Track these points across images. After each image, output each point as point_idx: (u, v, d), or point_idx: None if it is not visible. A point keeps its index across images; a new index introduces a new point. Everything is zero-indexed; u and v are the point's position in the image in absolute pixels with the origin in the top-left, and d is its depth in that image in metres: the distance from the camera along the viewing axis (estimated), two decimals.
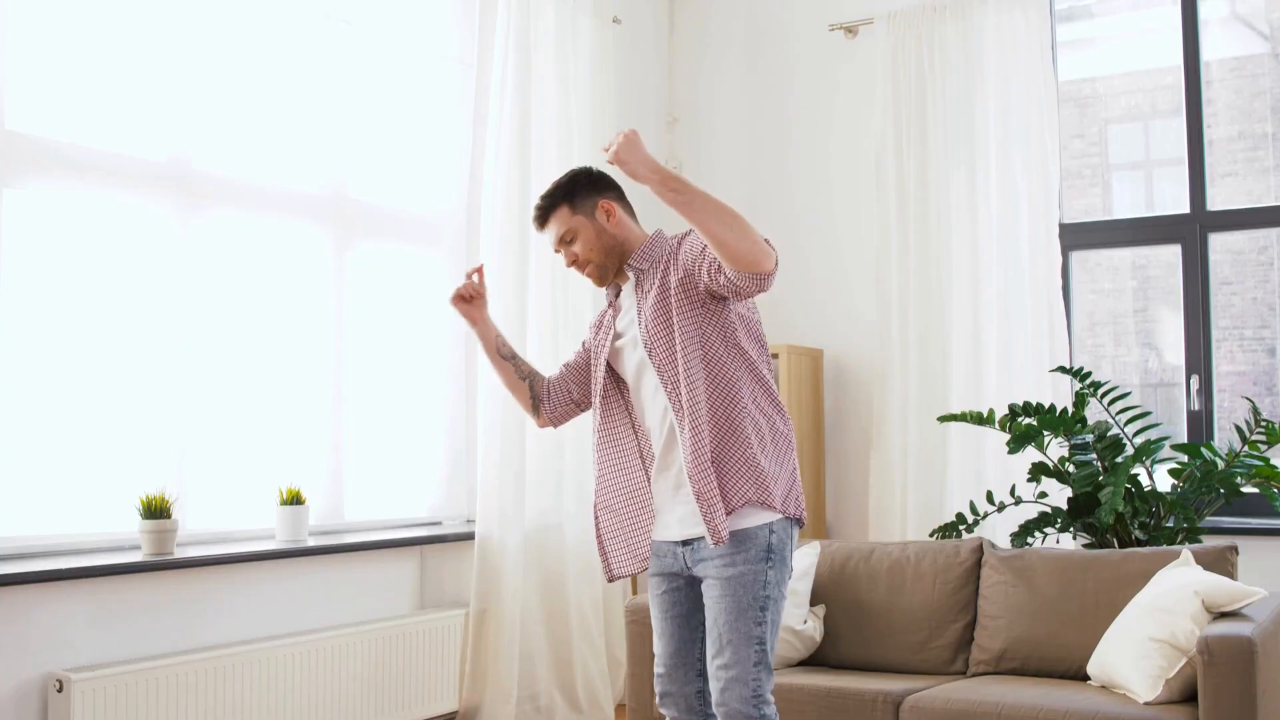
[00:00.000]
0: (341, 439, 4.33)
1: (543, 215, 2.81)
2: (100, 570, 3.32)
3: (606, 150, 2.48)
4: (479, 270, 2.92)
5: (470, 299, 2.89)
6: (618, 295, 2.83)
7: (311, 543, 3.96)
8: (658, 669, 2.81)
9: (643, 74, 5.79)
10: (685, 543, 2.70)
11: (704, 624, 2.72)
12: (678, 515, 2.69)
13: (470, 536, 4.49)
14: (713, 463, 2.59)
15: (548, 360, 4.70)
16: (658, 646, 2.81)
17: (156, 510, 3.51)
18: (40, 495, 3.45)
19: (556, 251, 2.81)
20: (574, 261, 2.78)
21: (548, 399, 2.94)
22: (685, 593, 2.76)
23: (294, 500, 3.93)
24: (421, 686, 4.25)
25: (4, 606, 3.19)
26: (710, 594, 2.63)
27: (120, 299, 3.69)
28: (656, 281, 2.69)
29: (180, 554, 3.58)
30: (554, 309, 4.80)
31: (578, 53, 5.05)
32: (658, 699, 2.83)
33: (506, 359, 2.94)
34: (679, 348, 2.61)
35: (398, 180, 4.65)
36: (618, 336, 2.78)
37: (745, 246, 2.44)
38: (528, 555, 4.60)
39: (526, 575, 4.58)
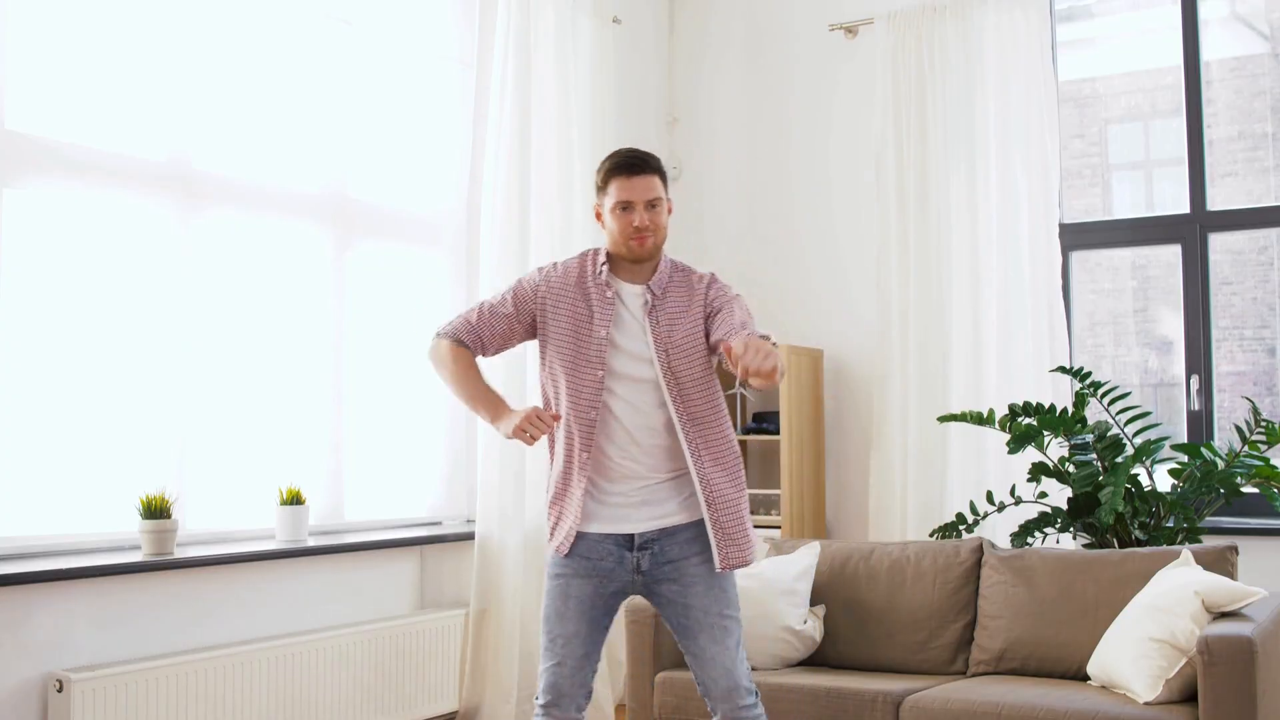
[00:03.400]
0: (341, 439, 4.33)
1: (645, 165, 2.80)
2: (100, 570, 3.33)
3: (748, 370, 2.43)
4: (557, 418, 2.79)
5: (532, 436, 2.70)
6: (605, 275, 2.83)
7: (311, 543, 3.97)
8: (559, 670, 2.76)
9: (643, 74, 5.79)
10: (643, 546, 2.78)
11: (606, 627, 2.84)
12: (647, 513, 2.79)
13: (470, 536, 4.50)
14: (745, 510, 2.83)
15: None
16: (565, 647, 2.77)
17: (156, 510, 3.51)
18: (40, 495, 3.45)
19: (626, 206, 2.77)
20: (644, 226, 2.77)
21: (486, 349, 2.90)
22: (607, 599, 2.82)
23: (294, 500, 3.93)
24: (421, 686, 4.25)
25: (4, 606, 3.19)
26: (692, 590, 2.77)
27: (120, 299, 3.69)
28: (682, 317, 2.80)
29: (180, 554, 3.58)
30: None
31: (578, 53, 5.05)
32: (550, 700, 2.77)
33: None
34: (705, 382, 2.80)
35: (398, 180, 4.65)
36: (616, 324, 2.79)
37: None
38: (528, 555, 4.60)
39: (526, 575, 4.58)
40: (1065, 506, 4.15)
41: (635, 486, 2.79)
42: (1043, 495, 4.25)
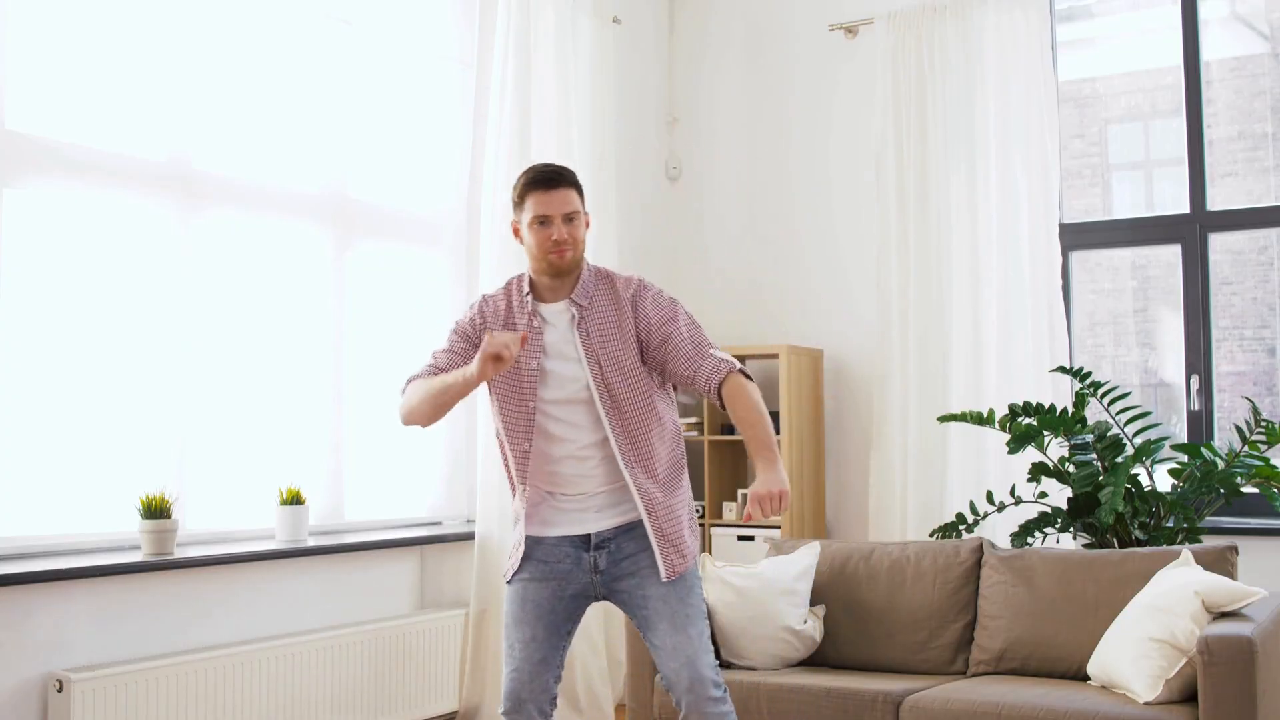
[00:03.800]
0: (341, 439, 4.33)
1: (561, 179, 2.79)
2: (100, 570, 3.33)
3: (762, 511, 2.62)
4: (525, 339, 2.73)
5: (503, 359, 2.59)
6: (531, 303, 2.82)
7: (311, 543, 3.97)
8: (518, 674, 2.79)
9: (643, 74, 5.79)
10: (600, 546, 2.78)
11: (569, 631, 2.84)
12: (603, 515, 2.80)
13: (470, 536, 4.50)
14: (686, 516, 2.84)
15: None
16: (523, 651, 2.80)
17: (156, 510, 3.51)
18: (40, 495, 3.45)
19: (545, 221, 2.76)
20: (562, 240, 2.76)
21: None
22: (567, 602, 2.82)
23: (294, 500, 3.93)
24: (421, 686, 4.25)
25: (4, 606, 3.19)
26: (650, 581, 2.77)
27: (120, 299, 3.69)
28: (614, 331, 2.78)
29: (180, 554, 3.58)
30: None
31: (578, 53, 5.05)
32: (510, 705, 2.80)
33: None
34: (640, 397, 2.78)
35: (398, 180, 4.66)
36: (544, 352, 2.79)
37: (764, 407, 2.78)
38: None
39: None
40: (1065, 506, 4.15)
41: (589, 494, 2.81)
42: (1043, 495, 4.25)
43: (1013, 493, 4.30)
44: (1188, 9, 4.87)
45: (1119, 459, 4.03)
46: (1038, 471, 4.16)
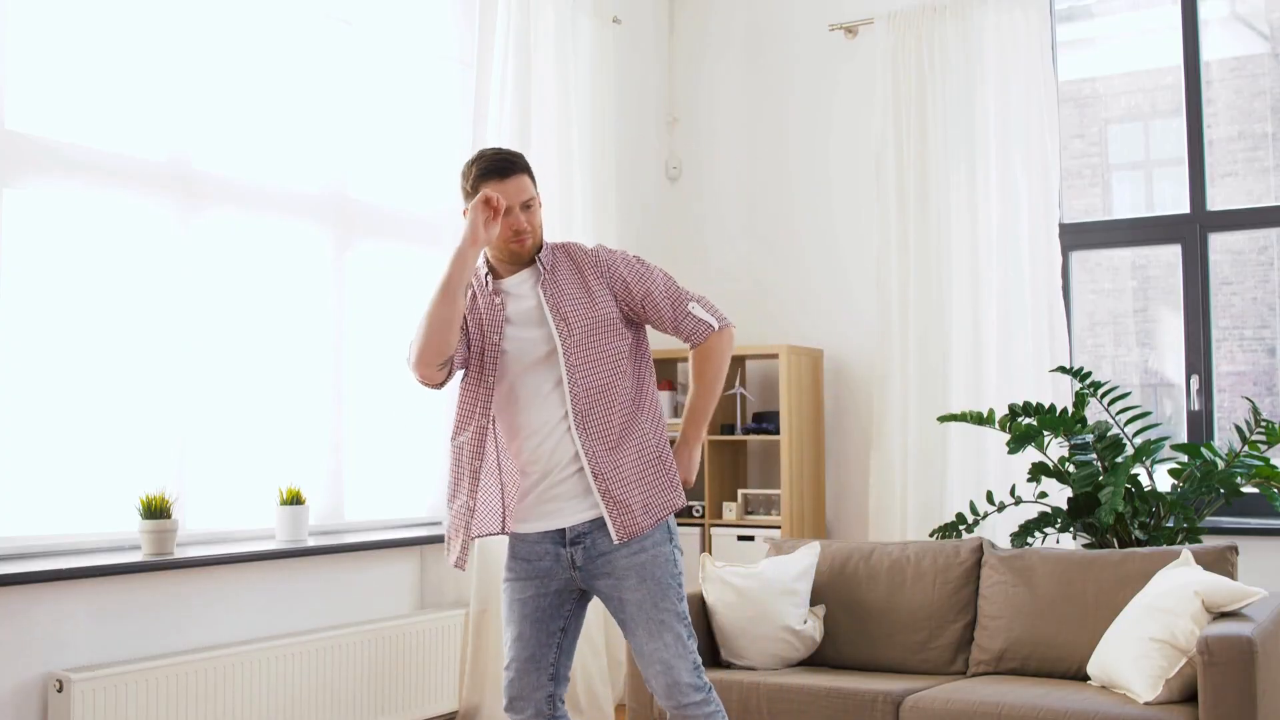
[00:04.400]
0: (341, 439, 4.33)
1: (514, 166, 2.76)
2: (100, 570, 3.33)
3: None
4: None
5: (498, 213, 2.68)
6: (491, 284, 2.81)
7: (311, 543, 3.97)
8: (509, 673, 2.81)
9: (643, 74, 5.79)
10: (575, 541, 2.74)
11: (561, 629, 2.81)
12: (576, 505, 2.73)
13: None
14: (639, 469, 2.75)
15: None
16: (512, 649, 2.81)
17: (156, 510, 3.51)
18: (40, 495, 3.45)
19: (505, 211, 2.71)
20: (522, 229, 2.74)
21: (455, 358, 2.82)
22: (551, 599, 2.80)
23: (294, 500, 3.93)
24: (421, 686, 4.25)
25: (4, 606, 3.19)
26: (625, 584, 2.72)
27: (121, 299, 3.69)
28: (581, 294, 2.75)
29: (180, 554, 3.58)
30: None
31: (578, 53, 5.05)
32: (506, 703, 2.82)
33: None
34: (607, 350, 2.74)
35: (398, 180, 4.66)
36: (508, 321, 2.77)
37: (723, 378, 2.94)
38: None
39: None
40: (1065, 506, 4.15)
41: (558, 471, 2.74)
42: (1043, 495, 4.25)
43: (1013, 493, 4.30)
44: (1188, 9, 4.87)
45: (1119, 459, 4.03)
46: (1038, 471, 4.16)
